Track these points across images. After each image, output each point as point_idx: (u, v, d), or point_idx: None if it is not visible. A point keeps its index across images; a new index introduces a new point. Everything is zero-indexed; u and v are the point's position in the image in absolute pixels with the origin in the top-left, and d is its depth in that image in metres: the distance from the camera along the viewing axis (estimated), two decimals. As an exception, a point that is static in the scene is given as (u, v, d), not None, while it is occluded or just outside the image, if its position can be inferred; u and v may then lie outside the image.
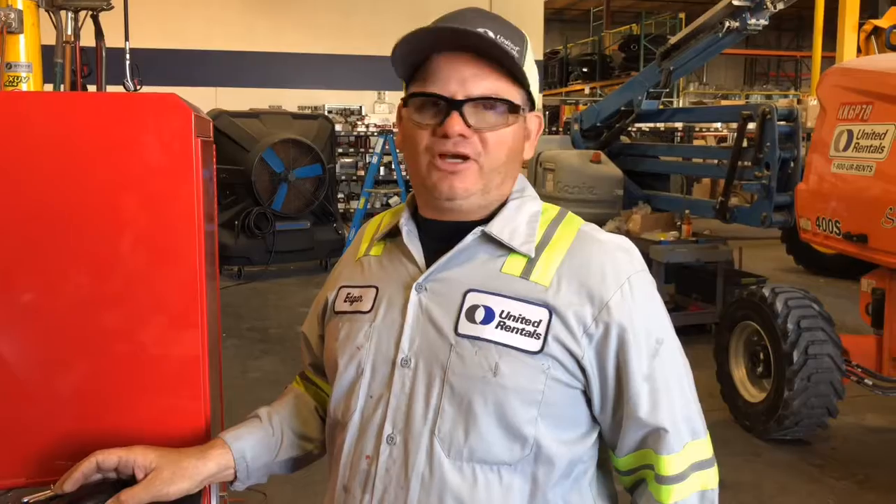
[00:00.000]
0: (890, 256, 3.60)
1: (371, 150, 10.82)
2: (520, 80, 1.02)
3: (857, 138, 3.80)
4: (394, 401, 1.01)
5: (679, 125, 13.11)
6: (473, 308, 1.00)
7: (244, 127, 8.64)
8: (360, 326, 1.07)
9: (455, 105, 0.99)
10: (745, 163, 5.64)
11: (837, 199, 3.93)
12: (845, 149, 3.88)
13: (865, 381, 3.80)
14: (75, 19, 4.01)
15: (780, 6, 5.53)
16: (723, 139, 13.61)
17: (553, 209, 1.10)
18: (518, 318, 0.99)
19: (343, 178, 11.05)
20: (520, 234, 1.04)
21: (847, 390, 3.88)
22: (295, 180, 8.60)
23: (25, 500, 1.05)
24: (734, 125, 6.13)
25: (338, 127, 10.53)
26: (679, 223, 6.29)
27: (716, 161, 6.34)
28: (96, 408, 1.16)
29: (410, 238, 1.08)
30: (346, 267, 1.17)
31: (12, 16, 3.44)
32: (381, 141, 9.90)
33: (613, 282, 1.01)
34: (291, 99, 12.26)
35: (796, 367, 3.76)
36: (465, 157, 1.00)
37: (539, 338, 0.98)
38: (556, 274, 1.01)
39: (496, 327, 0.99)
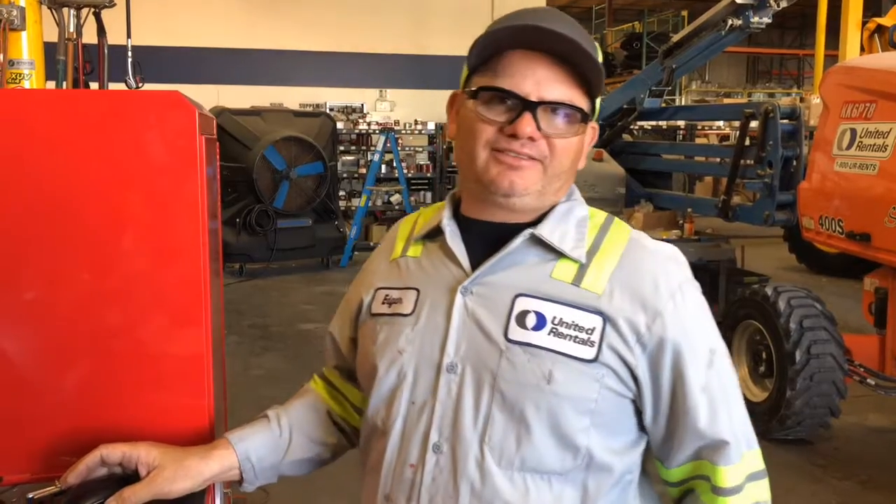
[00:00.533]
0: (893, 255, 3.59)
1: (373, 148, 10.80)
2: (591, 87, 0.99)
3: (861, 137, 3.79)
4: (439, 408, 0.98)
5: (681, 123, 13.10)
6: (524, 313, 0.97)
7: (246, 124, 8.64)
8: (400, 330, 1.03)
9: (529, 106, 0.96)
10: (748, 161, 5.63)
11: (840, 197, 3.92)
12: (848, 147, 3.87)
13: (868, 380, 3.79)
14: (78, 16, 4.00)
15: (783, 4, 5.52)
16: (725, 137, 13.59)
17: (600, 214, 1.08)
18: (571, 324, 0.96)
19: (344, 175, 11.04)
20: (570, 239, 1.01)
21: (849, 390, 3.88)
22: (296, 178, 8.60)
23: (30, 496, 1.05)
24: (736, 123, 6.11)
25: (339, 124, 10.52)
26: (681, 221, 6.28)
27: (718, 159, 6.33)
28: (100, 404, 1.16)
29: (454, 239, 1.05)
30: (380, 267, 1.13)
31: (15, 13, 3.44)
32: (382, 139, 9.90)
33: (666, 291, 0.99)
34: (293, 96, 12.25)
35: (799, 367, 3.76)
36: (529, 157, 0.98)
37: (593, 345, 0.96)
38: (609, 282, 0.99)
39: (549, 334, 0.96)
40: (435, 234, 1.08)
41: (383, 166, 10.38)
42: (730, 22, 5.67)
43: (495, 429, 0.96)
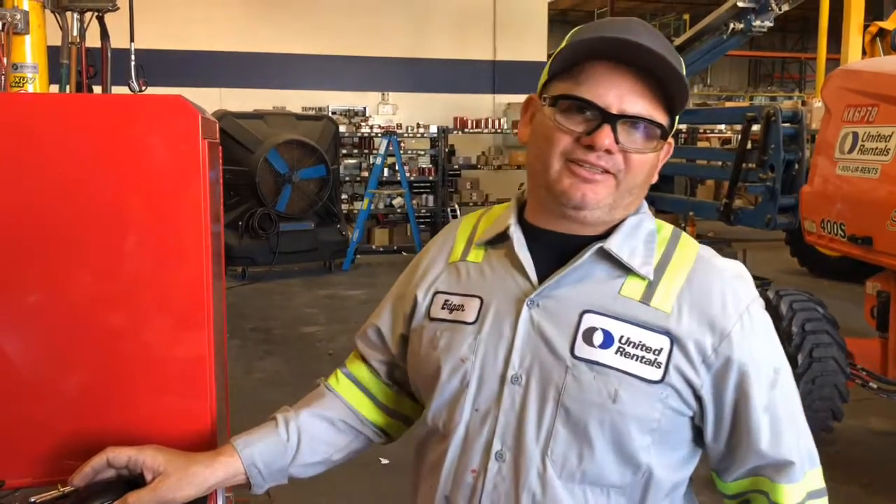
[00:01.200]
0: (895, 259, 3.59)
1: (375, 152, 10.81)
2: (672, 103, 0.99)
3: (863, 140, 3.79)
4: (503, 417, 1.00)
5: (683, 126, 13.09)
6: (591, 330, 0.98)
7: (248, 128, 8.66)
8: (463, 338, 1.04)
9: (609, 118, 0.95)
10: (750, 165, 5.63)
11: (842, 201, 3.92)
12: (850, 151, 3.87)
13: (870, 384, 3.79)
14: (81, 20, 4.02)
15: (785, 7, 5.53)
16: (727, 141, 13.58)
17: (666, 227, 1.08)
18: (638, 344, 0.97)
19: (347, 178, 11.05)
20: (639, 255, 1.01)
21: (851, 394, 3.87)
22: (299, 181, 8.61)
23: (33, 500, 1.05)
24: (738, 127, 6.12)
25: (342, 128, 10.53)
26: (683, 225, 6.28)
27: (720, 163, 6.34)
28: (103, 408, 1.16)
29: (521, 248, 1.04)
30: (437, 268, 1.13)
31: (18, 17, 3.45)
32: (384, 142, 9.90)
33: (734, 311, 0.99)
34: (295, 100, 12.27)
35: (801, 370, 3.75)
36: (604, 171, 0.98)
37: (660, 367, 0.96)
38: (677, 300, 0.99)
39: (616, 353, 0.97)
40: (498, 239, 1.08)
41: (385, 169, 10.39)
42: (731, 26, 5.69)
43: (558, 442, 0.98)
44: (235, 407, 1.67)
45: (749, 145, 5.70)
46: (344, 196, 10.68)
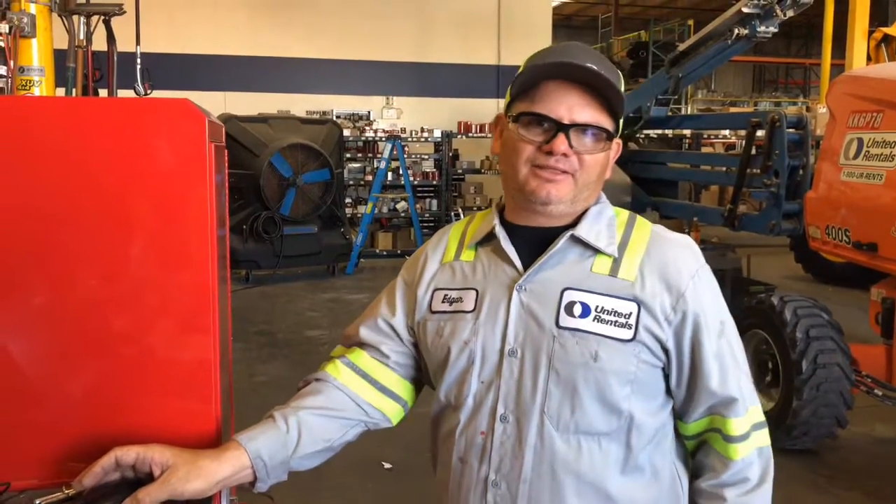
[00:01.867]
0: (900, 265, 3.58)
1: (379, 156, 10.83)
2: (615, 112, 1.18)
3: (868, 146, 3.78)
4: (504, 386, 1.18)
5: (687, 132, 13.07)
6: (571, 304, 1.17)
7: (253, 131, 8.68)
8: (464, 324, 1.22)
9: (562, 128, 1.15)
10: (754, 170, 5.61)
11: (847, 207, 3.92)
12: (855, 157, 3.86)
13: (875, 391, 3.77)
14: (87, 24, 4.04)
15: (790, 13, 5.51)
16: (731, 146, 13.57)
17: (623, 212, 1.27)
18: (611, 311, 1.16)
19: (351, 182, 11.06)
20: (603, 237, 1.21)
21: (856, 400, 3.86)
22: (303, 185, 8.63)
23: (37, 502, 1.05)
24: (743, 132, 6.11)
25: (346, 132, 10.55)
26: (687, 230, 6.27)
27: (724, 168, 6.32)
28: (108, 410, 1.16)
29: (507, 243, 1.23)
30: (432, 269, 1.29)
31: (25, 20, 3.47)
32: (388, 146, 9.92)
33: (686, 274, 1.19)
34: (300, 104, 12.30)
35: (805, 377, 3.74)
36: (563, 172, 1.16)
37: (631, 328, 1.15)
38: (639, 270, 1.18)
39: (593, 320, 1.15)
40: (486, 239, 1.26)
41: (389, 174, 10.40)
42: (736, 31, 5.68)
43: (553, 400, 1.15)
44: (239, 410, 1.67)
45: (753, 151, 5.69)
46: (348, 200, 10.69)
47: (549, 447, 1.15)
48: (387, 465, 3.78)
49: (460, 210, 11.08)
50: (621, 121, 1.22)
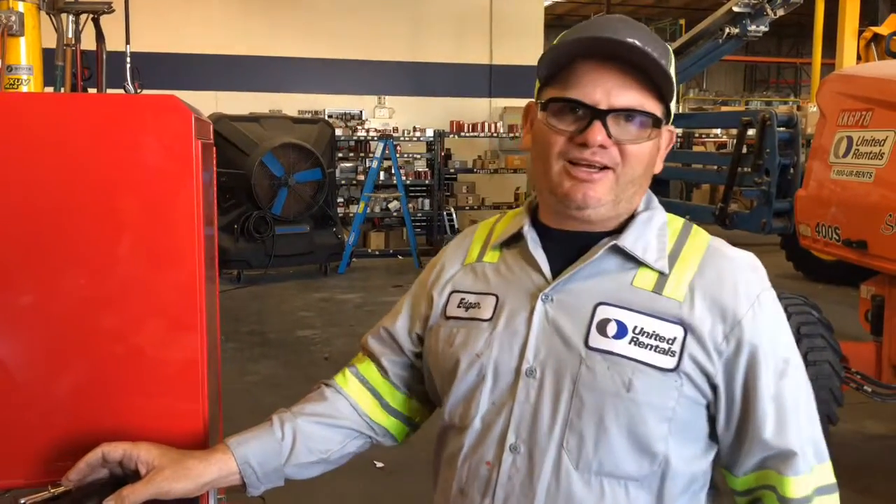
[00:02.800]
0: (889, 263, 3.60)
1: (371, 155, 10.81)
2: (662, 93, 1.01)
3: (857, 145, 3.80)
4: (517, 410, 1.01)
5: (679, 131, 13.12)
6: (605, 322, 0.99)
7: (244, 131, 8.64)
8: (478, 334, 1.06)
9: (599, 114, 0.98)
10: (745, 169, 5.65)
11: (837, 205, 3.93)
12: (845, 155, 3.88)
13: (865, 387, 3.79)
14: (76, 22, 4.01)
15: (781, 12, 5.55)
16: (722, 145, 13.61)
17: (678, 220, 1.10)
18: (652, 334, 0.98)
19: (343, 182, 11.03)
20: (652, 249, 1.03)
21: (846, 397, 3.88)
22: (295, 184, 8.60)
23: (23, 501, 1.05)
24: (734, 131, 6.13)
25: (338, 131, 10.53)
26: (679, 229, 6.27)
27: (715, 167, 6.35)
28: (95, 410, 1.15)
29: (535, 246, 1.06)
30: (453, 270, 1.15)
31: (13, 18, 3.45)
32: (381, 145, 9.91)
33: (745, 299, 1.00)
34: (292, 103, 12.27)
35: (796, 374, 3.75)
36: (601, 167, 0.99)
37: (674, 355, 0.97)
38: (689, 289, 1.00)
39: (629, 343, 0.98)
40: (513, 240, 1.10)
41: (382, 173, 10.38)
42: (727, 30, 5.71)
43: (574, 433, 0.98)
44: (230, 410, 1.66)
45: (744, 150, 5.71)
46: (340, 199, 10.67)
47: (565, 488, 0.97)
48: (379, 465, 3.78)
49: (452, 210, 11.07)
50: (673, 105, 1.03)
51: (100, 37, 4.22)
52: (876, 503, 3.58)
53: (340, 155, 10.89)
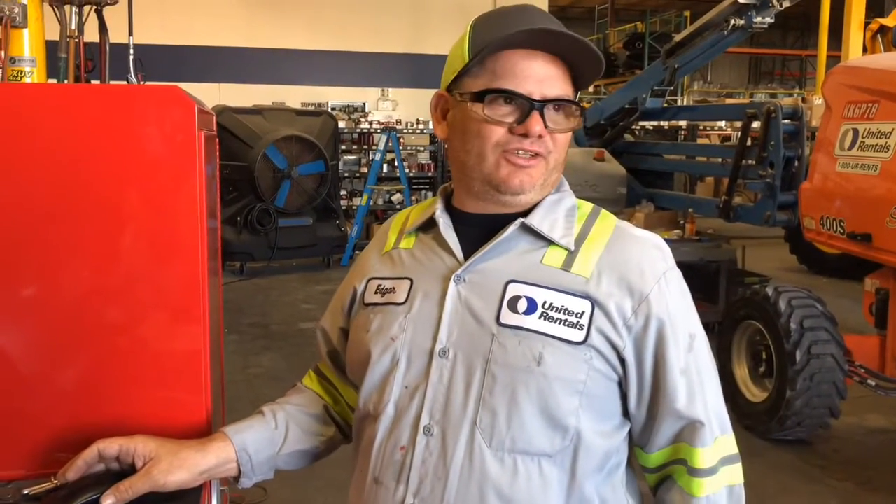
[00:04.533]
0: (894, 256, 3.58)
1: (374, 147, 10.79)
2: (577, 80, 1.04)
3: (863, 137, 3.78)
4: (431, 391, 1.01)
5: (683, 123, 13.08)
6: (515, 299, 1.01)
7: (247, 123, 8.64)
8: (393, 318, 1.06)
9: (538, 106, 1.00)
10: (749, 161, 5.62)
11: (842, 198, 3.92)
12: (850, 147, 3.86)
13: (868, 381, 3.79)
14: (79, 14, 4.00)
15: (786, 4, 5.51)
16: (727, 138, 13.57)
17: (587, 205, 1.12)
18: (561, 308, 1.00)
19: (346, 174, 11.02)
20: (559, 227, 1.05)
21: (849, 390, 3.87)
22: (298, 177, 8.60)
23: (26, 492, 1.05)
24: (738, 124, 6.11)
25: (341, 124, 10.51)
26: (682, 221, 6.27)
27: (719, 159, 6.33)
28: (97, 401, 1.15)
29: (447, 230, 1.08)
30: (372, 260, 1.17)
31: (16, 10, 3.44)
32: (384, 138, 9.89)
33: (651, 276, 1.03)
34: (295, 95, 12.24)
35: (799, 367, 3.75)
36: (536, 154, 1.02)
37: (582, 329, 0.99)
38: (596, 266, 1.02)
39: (539, 318, 0.99)
40: (427, 226, 1.12)
41: (385, 165, 10.37)
42: (732, 22, 5.67)
43: (487, 410, 0.98)
44: (233, 402, 1.67)
45: (749, 142, 5.69)
46: (343, 192, 10.66)
47: (479, 467, 0.97)
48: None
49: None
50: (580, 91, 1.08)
51: (103, 28, 4.20)
52: (878, 497, 3.58)
53: (343, 147, 10.88)
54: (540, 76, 1.01)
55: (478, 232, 1.06)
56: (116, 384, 1.16)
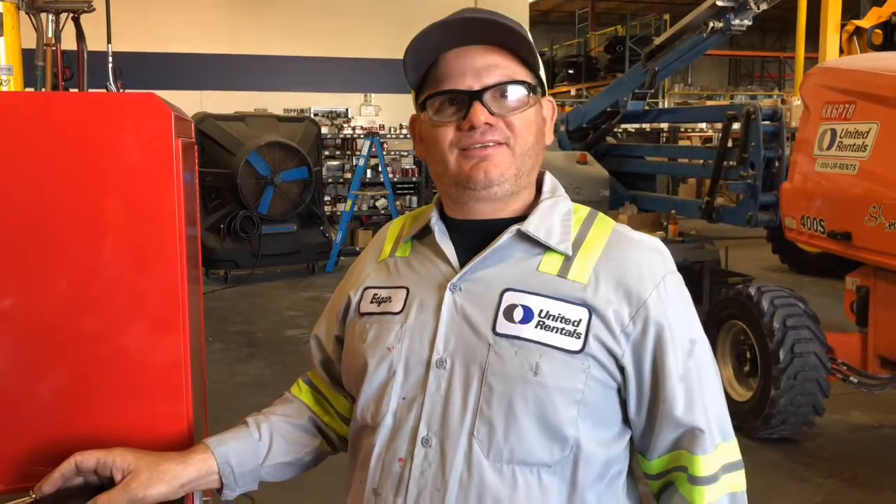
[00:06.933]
0: (873, 254, 3.63)
1: (358, 153, 10.78)
2: (529, 62, 1.03)
3: (841, 137, 3.82)
4: (428, 402, 1.00)
5: (664, 126, 13.17)
6: (511, 307, 0.99)
7: (229, 130, 8.59)
8: (390, 328, 1.05)
9: (475, 96, 0.99)
10: (731, 162, 5.67)
11: (822, 197, 3.96)
12: (829, 147, 3.90)
13: (851, 378, 3.82)
14: (56, 21, 3.97)
15: (764, 6, 5.57)
16: (708, 139, 13.68)
17: (584, 209, 1.10)
18: (557, 317, 0.98)
19: (329, 180, 11.00)
20: (556, 233, 1.04)
21: (832, 388, 3.91)
22: (281, 183, 8.56)
23: (3, 508, 1.03)
24: (719, 125, 6.16)
25: (324, 129, 10.49)
26: (665, 223, 6.31)
27: (701, 161, 6.37)
28: (77, 413, 1.14)
29: (442, 238, 1.07)
30: (368, 268, 1.15)
31: (-8, 18, 3.40)
32: (367, 143, 9.88)
33: (650, 281, 1.01)
34: (277, 102, 12.20)
35: (782, 366, 3.78)
36: (495, 143, 1.01)
37: (580, 337, 0.97)
38: (594, 272, 1.01)
39: (536, 327, 0.98)
40: (423, 234, 1.11)
41: (368, 171, 10.36)
42: (711, 24, 5.72)
43: (483, 421, 0.97)
44: (218, 410, 1.65)
45: (730, 143, 5.74)
46: (327, 198, 10.63)
47: (477, 479, 0.96)
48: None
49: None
50: (542, 73, 1.06)
51: (80, 36, 4.17)
52: (863, 492, 3.61)
53: (327, 153, 10.85)
54: (477, 67, 1.00)
55: (474, 239, 1.05)
56: (96, 395, 1.14)
